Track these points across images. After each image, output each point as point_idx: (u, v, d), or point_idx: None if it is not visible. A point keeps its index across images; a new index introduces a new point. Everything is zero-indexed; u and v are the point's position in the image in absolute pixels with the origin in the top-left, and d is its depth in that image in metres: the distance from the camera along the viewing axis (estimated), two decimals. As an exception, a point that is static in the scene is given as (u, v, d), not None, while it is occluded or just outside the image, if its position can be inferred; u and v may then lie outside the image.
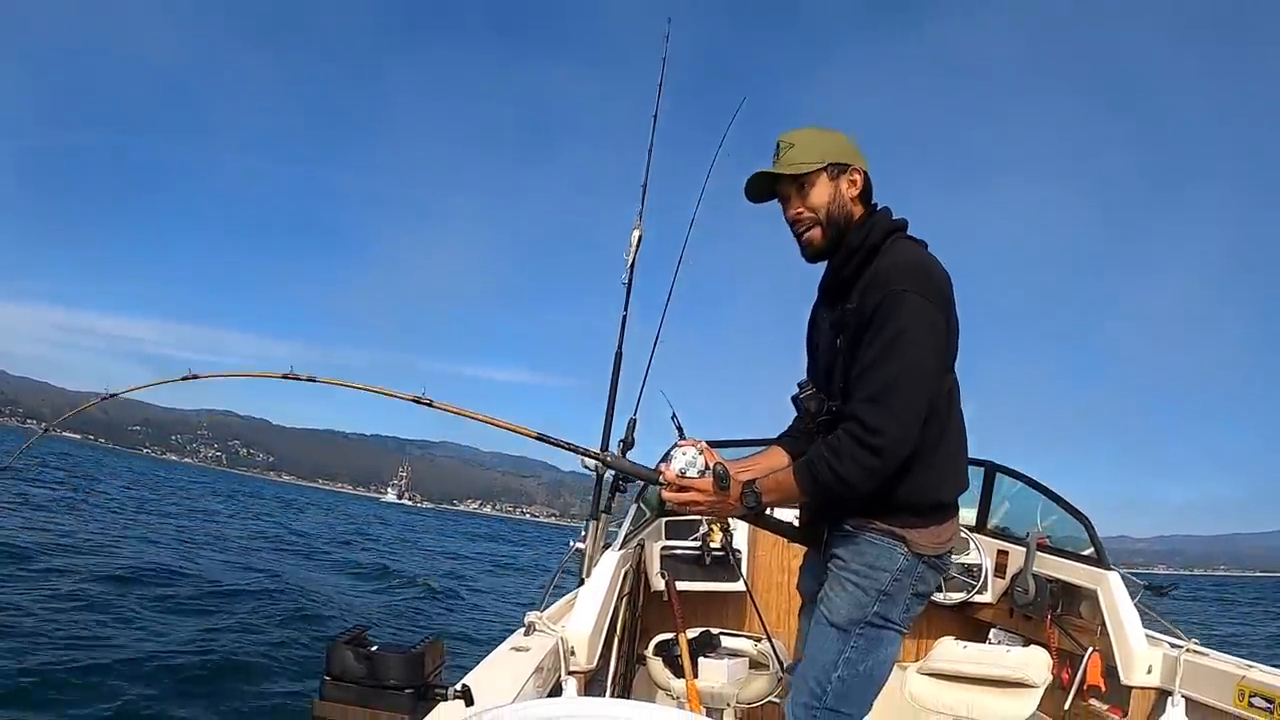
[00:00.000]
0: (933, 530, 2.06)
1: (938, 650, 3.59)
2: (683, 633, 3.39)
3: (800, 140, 2.11)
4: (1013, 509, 4.49)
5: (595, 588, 2.96)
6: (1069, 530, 4.02)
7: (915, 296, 1.91)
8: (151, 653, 7.30)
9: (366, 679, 1.55)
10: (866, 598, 2.04)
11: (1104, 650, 3.42)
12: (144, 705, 6.05)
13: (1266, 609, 32.25)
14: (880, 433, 1.88)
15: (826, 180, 2.10)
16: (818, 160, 2.09)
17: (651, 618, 3.90)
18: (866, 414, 1.90)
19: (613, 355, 3.70)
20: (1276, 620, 25.98)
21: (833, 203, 2.10)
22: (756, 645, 3.71)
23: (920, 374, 1.92)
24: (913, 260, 2.01)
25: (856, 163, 2.13)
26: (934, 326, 1.94)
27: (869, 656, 2.05)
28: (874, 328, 1.93)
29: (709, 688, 3.31)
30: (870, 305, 1.95)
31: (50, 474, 29.62)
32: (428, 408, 2.49)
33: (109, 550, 12.82)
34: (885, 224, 2.09)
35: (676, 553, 4.06)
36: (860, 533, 2.06)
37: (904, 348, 1.90)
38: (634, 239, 3.76)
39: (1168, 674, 3.20)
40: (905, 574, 2.04)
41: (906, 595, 2.06)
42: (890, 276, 1.95)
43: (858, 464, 1.90)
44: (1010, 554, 4.17)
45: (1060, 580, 3.81)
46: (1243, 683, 2.91)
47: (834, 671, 2.04)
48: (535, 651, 2.38)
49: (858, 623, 2.04)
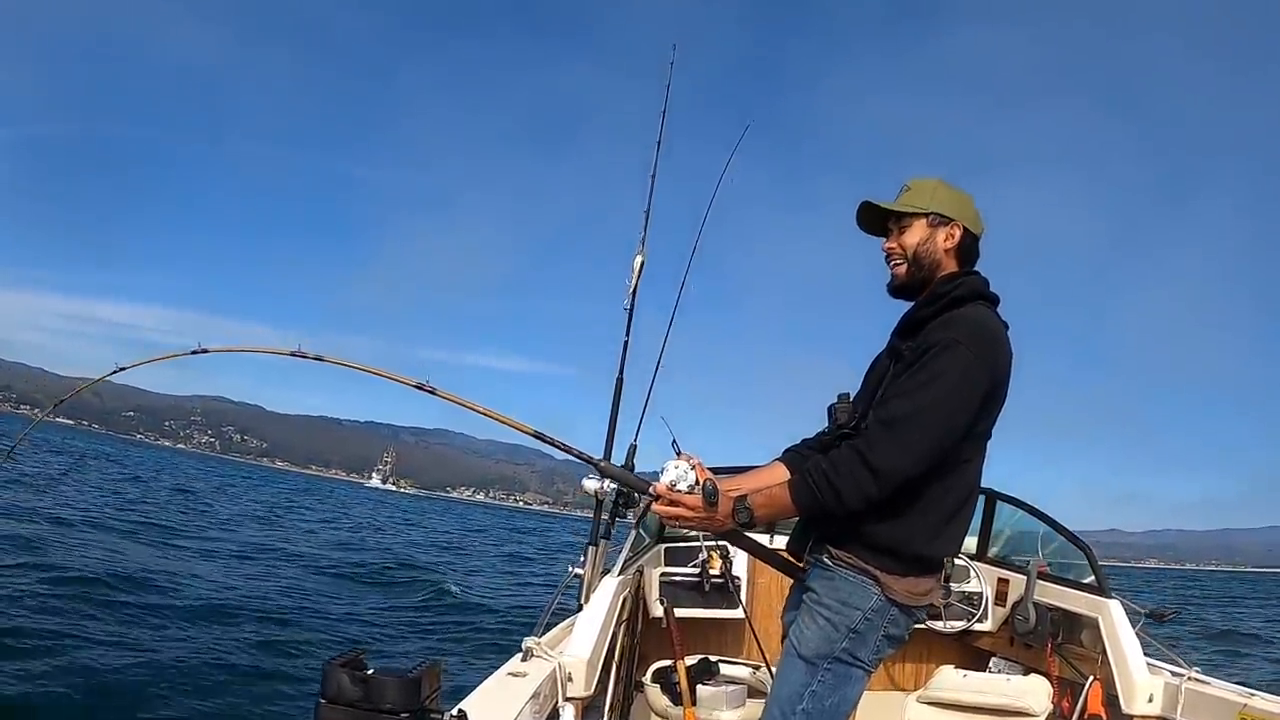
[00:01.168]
0: (910, 581, 2.06)
1: (938, 679, 3.58)
2: (681, 660, 3.38)
3: (919, 187, 2.21)
4: (1013, 537, 4.48)
5: (594, 613, 2.96)
6: (1070, 558, 4.01)
7: (966, 350, 1.96)
8: (127, 666, 7.17)
9: (362, 703, 1.54)
10: (836, 633, 2.04)
11: (1105, 679, 3.40)
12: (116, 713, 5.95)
13: (1261, 603, 32.06)
14: (883, 458, 1.92)
15: (925, 226, 2.18)
16: (923, 207, 2.18)
17: (650, 644, 3.89)
18: (876, 436, 1.95)
19: (614, 381, 3.71)
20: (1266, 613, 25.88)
21: (922, 246, 2.18)
22: (755, 673, 3.69)
23: (941, 417, 1.95)
24: (983, 323, 2.07)
25: (965, 221, 2.20)
26: (974, 383, 1.98)
27: (834, 693, 2.06)
28: (921, 362, 1.99)
29: (707, 715, 3.30)
30: (929, 343, 2.01)
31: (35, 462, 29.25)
32: (429, 395, 2.54)
33: (77, 548, 12.74)
34: (976, 285, 2.16)
35: (676, 579, 4.05)
36: (837, 568, 2.07)
37: (937, 389, 1.95)
38: (636, 265, 3.78)
39: (1169, 702, 3.18)
40: (878, 615, 2.05)
41: (877, 636, 2.06)
42: (960, 327, 2.01)
43: (854, 481, 1.93)
44: (1011, 582, 4.15)
45: (1061, 609, 3.80)
46: (1245, 711, 2.89)
47: (798, 704, 2.05)
48: (532, 677, 2.37)
49: (825, 657, 2.05)
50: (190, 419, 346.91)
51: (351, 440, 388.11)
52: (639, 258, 3.82)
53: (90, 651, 7.30)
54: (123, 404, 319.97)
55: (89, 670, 6.74)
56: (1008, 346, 2.10)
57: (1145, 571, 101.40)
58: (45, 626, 7.73)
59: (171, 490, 29.54)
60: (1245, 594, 41.48)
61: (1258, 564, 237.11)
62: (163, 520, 18.90)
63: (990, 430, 2.12)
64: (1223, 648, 15.80)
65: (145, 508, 21.61)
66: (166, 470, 51.09)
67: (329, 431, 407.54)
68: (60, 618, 8.20)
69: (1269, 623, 24.16)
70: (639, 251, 3.84)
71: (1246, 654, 15.32)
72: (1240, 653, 15.45)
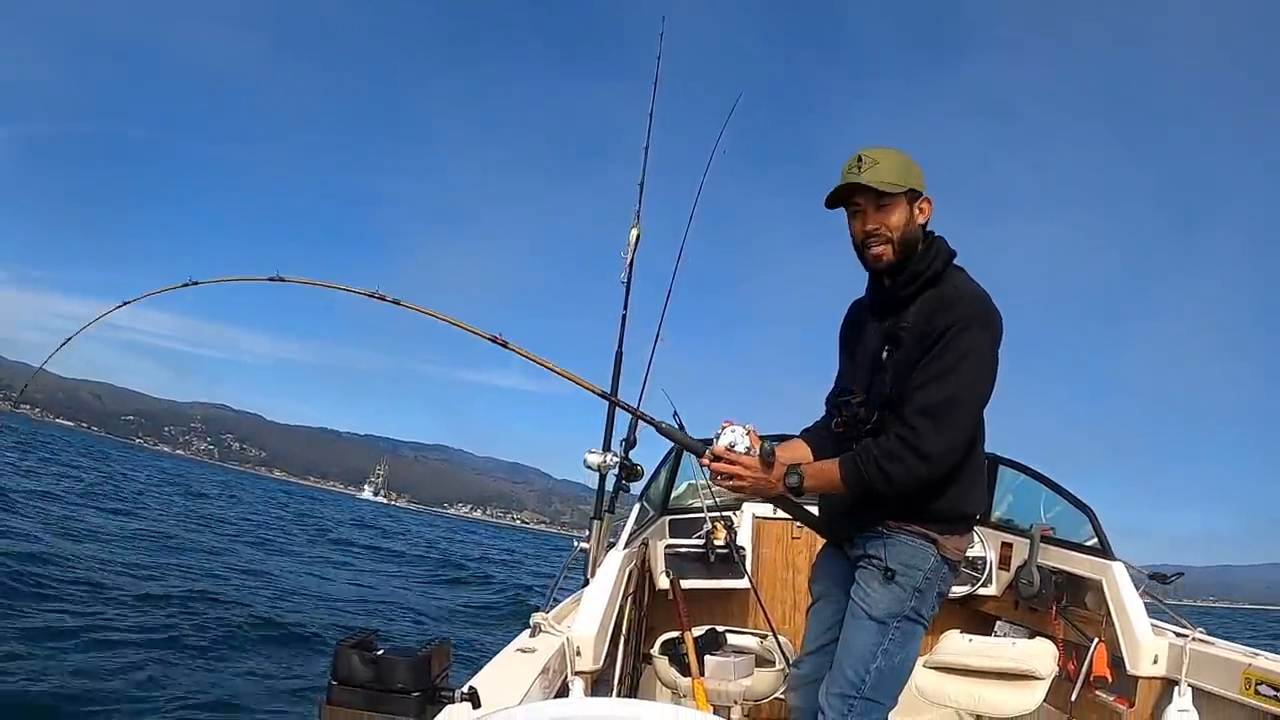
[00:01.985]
0: (957, 539, 2.25)
1: (943, 643, 3.59)
2: (688, 631, 3.40)
3: (885, 160, 2.21)
4: (1016, 501, 4.48)
5: (600, 588, 2.96)
6: (1072, 521, 4.01)
7: (978, 329, 2.10)
8: (149, 650, 7.25)
9: (373, 683, 1.55)
10: (904, 593, 2.19)
11: (1110, 641, 3.42)
12: (144, 704, 6.01)
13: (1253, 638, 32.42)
14: (932, 443, 2.06)
15: (905, 204, 2.22)
16: (902, 183, 2.20)
17: (657, 616, 3.90)
18: (922, 425, 2.07)
19: (613, 354, 3.71)
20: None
21: (907, 226, 2.22)
22: (762, 642, 3.71)
23: (975, 398, 2.14)
24: (979, 294, 2.19)
25: (926, 192, 2.26)
26: (992, 360, 2.13)
27: (902, 649, 2.20)
28: (942, 346, 2.09)
29: (715, 685, 3.31)
30: (940, 326, 2.10)
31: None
32: (503, 349, 2.65)
33: (106, 541, 12.81)
34: (945, 253, 2.25)
35: (680, 551, 4.06)
36: (896, 534, 2.21)
37: (967, 371, 2.09)
38: (632, 237, 3.77)
39: (1174, 663, 3.20)
40: (934, 574, 2.21)
41: (935, 593, 2.23)
42: (958, 307, 2.12)
43: (907, 469, 2.07)
44: (1014, 546, 4.16)
45: (1065, 571, 3.81)
46: (1249, 670, 2.91)
47: (872, 663, 2.17)
48: (541, 653, 2.38)
49: (895, 616, 2.19)
50: (190, 425, 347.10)
51: (350, 453, 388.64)
52: (634, 230, 3.81)
53: (100, 641, 7.37)
54: (123, 407, 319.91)
55: (104, 659, 6.80)
56: (999, 313, 2.19)
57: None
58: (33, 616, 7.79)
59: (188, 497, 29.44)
60: (1241, 630, 41.79)
61: (1256, 601, 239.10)
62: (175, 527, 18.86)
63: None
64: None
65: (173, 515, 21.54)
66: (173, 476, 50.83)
67: (328, 443, 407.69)
68: (57, 610, 8.26)
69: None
70: (634, 224, 3.82)
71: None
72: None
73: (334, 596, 12.54)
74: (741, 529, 4.26)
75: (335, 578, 15.46)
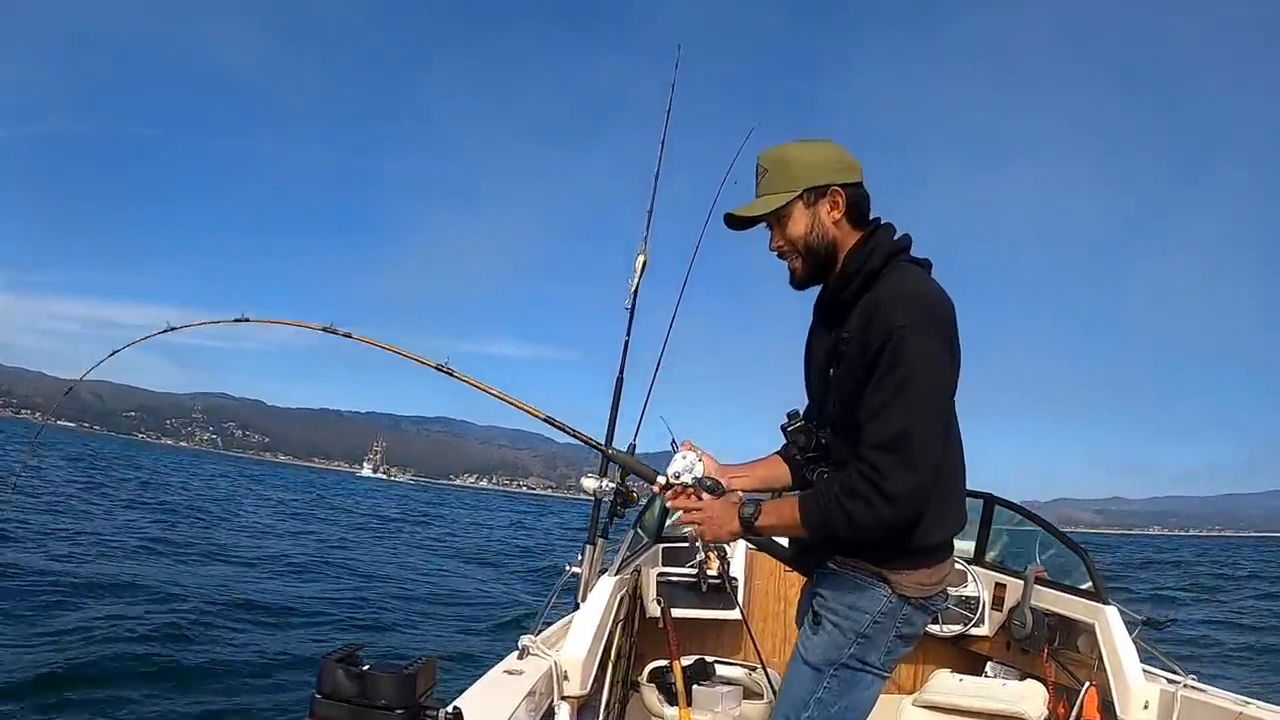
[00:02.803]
0: (922, 573, 1.98)
1: (933, 683, 3.57)
2: (677, 660, 3.38)
3: (775, 164, 2.01)
4: (1011, 542, 4.48)
5: (590, 612, 2.95)
6: (1066, 564, 4.01)
7: (923, 337, 1.82)
8: (121, 658, 7.20)
9: (358, 698, 1.54)
10: (844, 639, 1.97)
11: (1101, 685, 3.40)
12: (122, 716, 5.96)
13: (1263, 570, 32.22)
14: (897, 482, 1.80)
15: (803, 209, 1.99)
16: (791, 188, 1.98)
17: (646, 644, 3.89)
18: (882, 462, 1.81)
19: (614, 380, 3.71)
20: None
21: (810, 233, 2.00)
22: (751, 674, 3.69)
23: (932, 421, 1.84)
24: (912, 292, 1.89)
25: (840, 180, 1.99)
26: (941, 367, 1.87)
27: (841, 699, 1.99)
28: (881, 369, 1.84)
29: (703, 716, 3.30)
30: (874, 342, 1.85)
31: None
32: (447, 377, 2.69)
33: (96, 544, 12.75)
34: (886, 246, 1.97)
35: (673, 579, 4.05)
36: (843, 571, 1.99)
37: (914, 393, 1.81)
38: (638, 264, 3.78)
39: (1165, 710, 3.18)
40: (888, 616, 1.97)
41: (889, 638, 1.99)
42: (893, 312, 1.84)
43: (872, 511, 1.82)
44: (1008, 587, 4.15)
45: (1058, 614, 3.79)
46: (1240, 719, 2.89)
47: (804, 711, 1.99)
48: (528, 675, 2.37)
49: (832, 663, 1.98)
50: (191, 416, 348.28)
51: (352, 431, 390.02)
52: (641, 257, 3.82)
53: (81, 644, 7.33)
54: (123, 404, 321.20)
55: (85, 663, 6.76)
56: (941, 297, 1.92)
57: (1153, 540, 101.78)
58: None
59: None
60: (1249, 558, 41.86)
61: (1260, 529, 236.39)
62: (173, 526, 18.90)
63: (956, 384, 1.99)
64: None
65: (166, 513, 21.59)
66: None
67: (330, 423, 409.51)
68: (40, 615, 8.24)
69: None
70: (641, 251, 3.84)
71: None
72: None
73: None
74: (735, 559, 4.25)
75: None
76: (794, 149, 2.02)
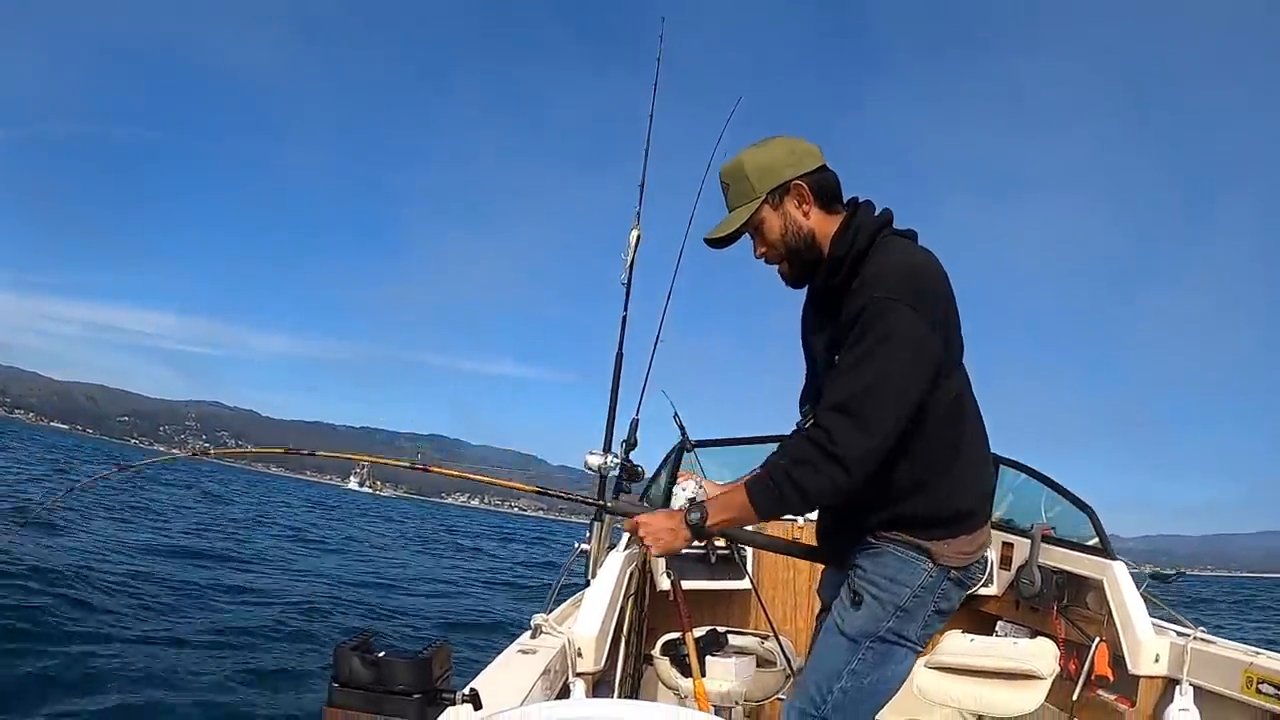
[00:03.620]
0: (961, 540, 1.96)
1: (944, 643, 3.59)
2: (689, 632, 3.39)
3: (734, 175, 2.00)
4: (1017, 501, 4.48)
5: (601, 589, 2.96)
6: (1073, 521, 4.01)
7: (899, 305, 1.78)
8: (148, 648, 7.24)
9: (374, 684, 1.55)
10: (883, 611, 1.95)
11: (1111, 640, 3.42)
12: (141, 705, 5.97)
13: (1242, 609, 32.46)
14: (847, 444, 1.76)
15: (772, 212, 1.99)
16: (754, 196, 1.97)
17: (658, 618, 3.90)
18: (832, 423, 1.77)
19: (613, 356, 3.71)
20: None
21: (786, 233, 1.99)
22: (763, 643, 3.71)
23: (895, 384, 1.78)
24: (898, 262, 1.87)
25: (799, 170, 1.97)
26: (918, 336, 1.80)
27: (875, 671, 1.98)
28: (854, 336, 1.81)
29: (717, 687, 3.31)
30: (855, 309, 1.82)
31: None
32: (423, 472, 2.80)
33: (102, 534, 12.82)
34: (869, 225, 1.94)
35: (681, 552, 4.06)
36: (884, 544, 1.97)
37: (880, 358, 1.77)
38: (632, 239, 3.76)
39: (1175, 662, 3.20)
40: (927, 590, 1.95)
41: (927, 612, 1.97)
42: (875, 283, 1.82)
43: (821, 475, 1.78)
44: (1015, 546, 4.16)
45: (1065, 571, 3.81)
46: (1250, 670, 2.91)
47: (837, 682, 1.98)
48: (542, 654, 2.38)
49: (869, 635, 1.97)
50: (185, 424, 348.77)
51: (345, 446, 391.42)
52: (634, 232, 3.80)
53: (103, 640, 7.36)
54: (117, 408, 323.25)
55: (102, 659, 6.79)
56: (930, 264, 1.90)
57: (1139, 577, 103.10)
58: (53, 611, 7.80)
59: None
60: (1233, 596, 42.06)
61: (1253, 569, 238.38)
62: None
63: (959, 355, 1.96)
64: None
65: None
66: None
67: (323, 437, 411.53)
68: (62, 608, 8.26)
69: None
70: (634, 226, 3.82)
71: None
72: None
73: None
74: None
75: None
76: (748, 156, 2.01)
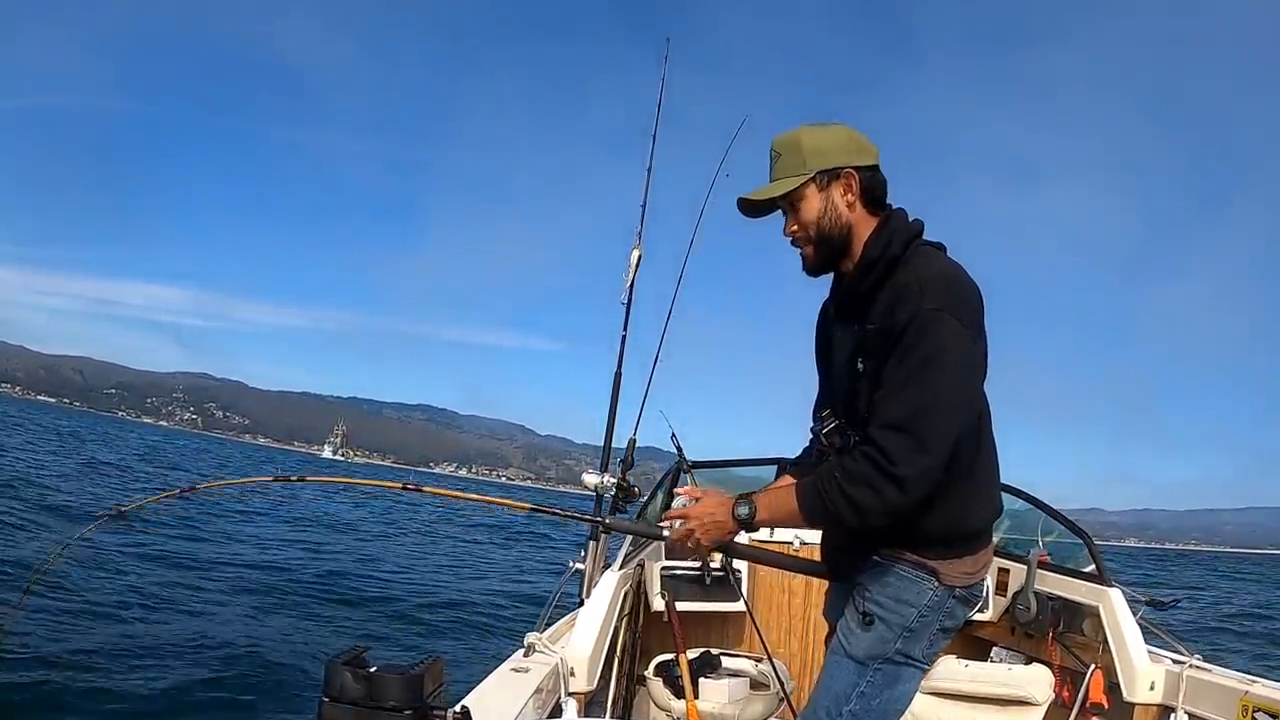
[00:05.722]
0: (966, 561, 1.95)
1: (939, 669, 3.58)
2: (683, 653, 3.38)
3: (788, 147, 1.96)
4: (1013, 526, 4.47)
5: (595, 608, 2.95)
6: (1069, 547, 4.01)
7: (950, 318, 1.76)
8: (123, 659, 7.13)
9: (365, 700, 1.54)
10: (890, 633, 1.93)
11: (1106, 667, 3.41)
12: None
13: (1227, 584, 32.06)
14: (906, 464, 1.73)
15: (816, 191, 1.94)
16: (803, 171, 1.93)
17: (651, 638, 3.89)
18: (890, 442, 1.75)
19: (612, 375, 3.71)
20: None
21: (824, 216, 1.94)
22: (757, 665, 3.69)
23: (952, 403, 1.78)
24: (943, 273, 1.85)
25: (854, 161, 1.94)
26: (969, 352, 1.80)
27: (883, 692, 1.96)
28: (903, 348, 1.77)
29: (710, 709, 3.30)
30: (900, 322, 1.78)
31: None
32: (414, 492, 2.64)
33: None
34: (905, 231, 1.92)
35: (676, 573, 4.05)
36: (889, 564, 1.94)
37: (936, 374, 1.75)
38: (633, 259, 3.77)
39: (1170, 690, 3.18)
40: (933, 610, 1.93)
41: (932, 631, 1.96)
42: (922, 292, 1.78)
43: (877, 495, 1.75)
44: (1011, 572, 4.15)
45: (1062, 597, 3.80)
46: (1246, 698, 2.90)
47: (846, 705, 1.95)
48: (535, 673, 2.37)
49: (877, 658, 1.95)
50: (172, 395, 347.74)
51: (333, 416, 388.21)
52: (636, 252, 3.82)
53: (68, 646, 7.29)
54: (104, 381, 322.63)
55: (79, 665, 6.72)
56: (969, 279, 1.88)
57: (1129, 551, 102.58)
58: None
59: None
60: (1218, 572, 41.80)
61: (1237, 544, 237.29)
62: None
63: (986, 370, 1.94)
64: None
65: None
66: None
67: (310, 407, 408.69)
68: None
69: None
70: (635, 246, 3.84)
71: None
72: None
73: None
74: None
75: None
76: (806, 132, 1.97)
